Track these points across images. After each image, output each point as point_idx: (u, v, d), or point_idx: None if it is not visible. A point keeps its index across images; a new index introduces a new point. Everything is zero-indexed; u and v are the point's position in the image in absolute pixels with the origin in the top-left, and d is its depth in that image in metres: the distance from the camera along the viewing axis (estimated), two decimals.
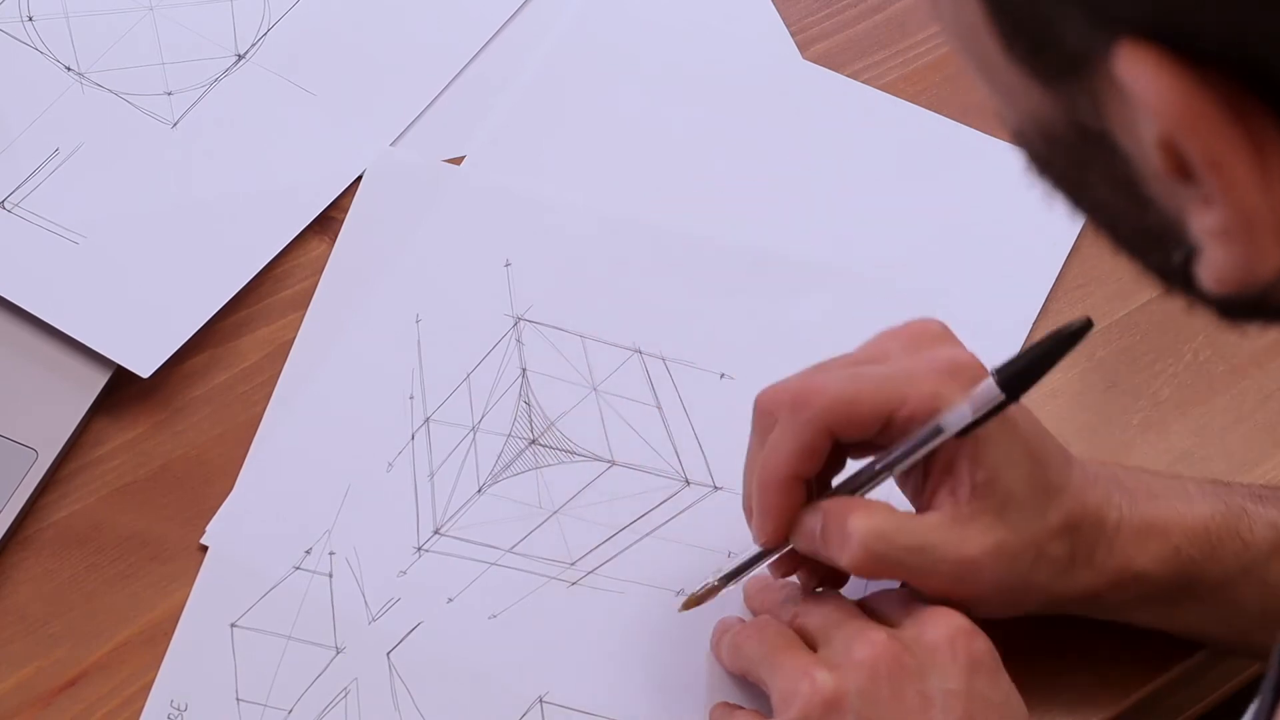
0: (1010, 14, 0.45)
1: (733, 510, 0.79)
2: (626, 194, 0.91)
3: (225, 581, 0.81)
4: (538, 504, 0.83)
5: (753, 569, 0.77)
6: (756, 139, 0.93)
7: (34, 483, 0.82)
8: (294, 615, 0.80)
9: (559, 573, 0.81)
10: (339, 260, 0.89)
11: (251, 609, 0.80)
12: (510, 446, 0.84)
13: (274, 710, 0.78)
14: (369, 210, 0.91)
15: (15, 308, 0.87)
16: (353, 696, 0.78)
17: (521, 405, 0.85)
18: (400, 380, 0.86)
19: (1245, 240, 0.42)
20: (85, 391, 0.85)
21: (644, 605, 0.80)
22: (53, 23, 0.96)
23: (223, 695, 0.78)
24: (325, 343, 0.87)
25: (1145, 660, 0.79)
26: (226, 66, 0.95)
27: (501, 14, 0.98)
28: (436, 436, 0.84)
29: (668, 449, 0.84)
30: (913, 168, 0.93)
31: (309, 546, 0.81)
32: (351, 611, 0.80)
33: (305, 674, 0.79)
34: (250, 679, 0.78)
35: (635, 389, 0.85)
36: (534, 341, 0.87)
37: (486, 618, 0.80)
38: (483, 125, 0.94)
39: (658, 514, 0.82)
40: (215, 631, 0.79)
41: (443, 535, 0.82)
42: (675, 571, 0.80)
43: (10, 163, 0.91)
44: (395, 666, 0.79)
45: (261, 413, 0.85)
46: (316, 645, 0.79)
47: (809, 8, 0.99)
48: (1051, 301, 0.89)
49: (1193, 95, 0.41)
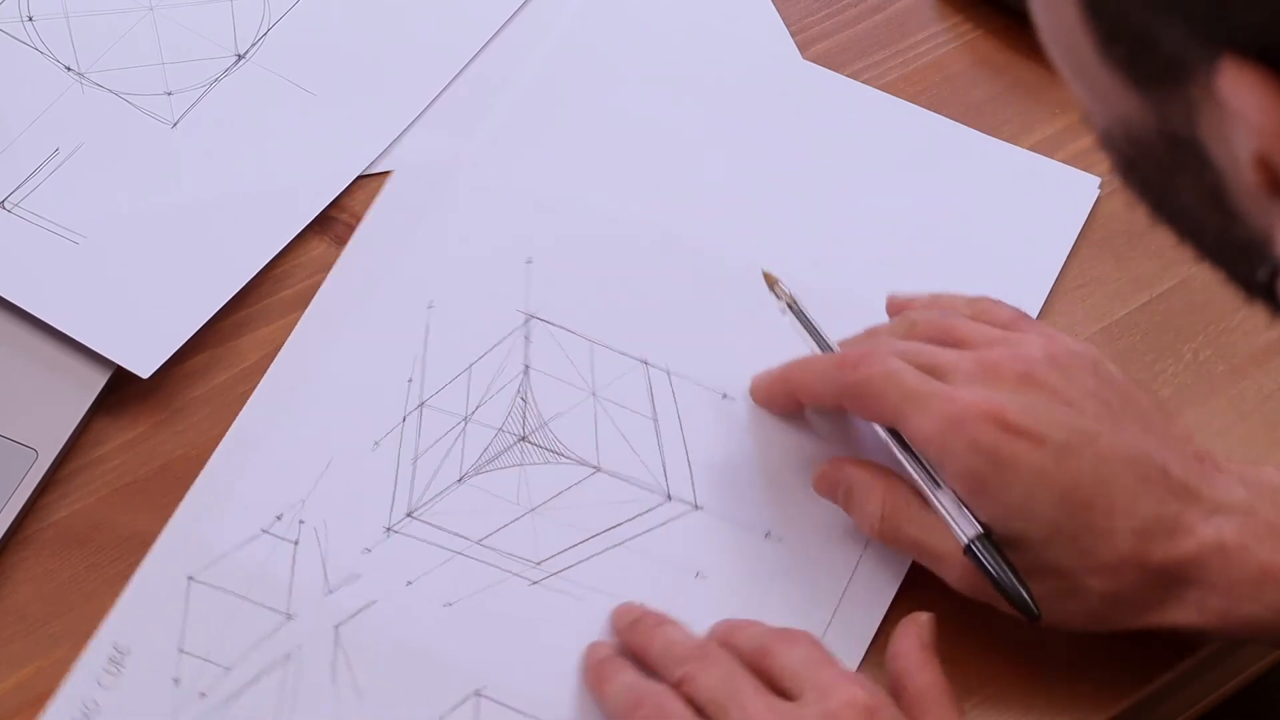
0: (1109, 17, 0.45)
1: (709, 531, 0.80)
2: (626, 194, 0.91)
3: (192, 534, 0.81)
4: (515, 500, 0.82)
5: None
6: (756, 139, 0.94)
7: (34, 483, 0.82)
8: (252, 577, 0.80)
9: (522, 570, 0.81)
10: (365, 235, 0.90)
11: (212, 565, 0.81)
12: (499, 440, 0.84)
13: (213, 666, 0.78)
14: (399, 194, 0.91)
15: (15, 308, 0.87)
16: (293, 663, 0.79)
17: (518, 401, 0.85)
18: (402, 363, 0.86)
19: None
20: (85, 391, 0.85)
21: (599, 614, 0.79)
22: (53, 23, 0.96)
23: (166, 645, 0.79)
24: (338, 314, 0.87)
25: (1135, 666, 0.79)
26: (226, 66, 0.95)
27: (501, 14, 0.98)
28: (428, 422, 0.84)
29: (655, 462, 0.83)
30: (913, 168, 0.93)
31: (280, 512, 0.82)
32: (309, 581, 0.80)
33: (251, 635, 0.79)
34: (196, 633, 0.79)
35: (634, 399, 0.85)
36: (542, 340, 0.87)
37: (441, 605, 0.80)
38: (483, 125, 0.94)
39: (633, 525, 0.82)
40: (172, 582, 0.80)
41: (414, 519, 0.82)
42: (638, 585, 0.80)
43: (10, 163, 0.91)
44: (341, 640, 0.79)
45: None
46: (268, 609, 0.80)
47: (809, 8, 0.99)
48: (1051, 301, 0.89)
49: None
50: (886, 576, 0.80)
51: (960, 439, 0.73)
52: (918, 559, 0.78)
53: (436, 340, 0.87)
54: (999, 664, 0.78)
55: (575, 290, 0.88)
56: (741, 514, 0.82)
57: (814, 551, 0.81)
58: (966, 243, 0.91)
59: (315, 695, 0.78)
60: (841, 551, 0.81)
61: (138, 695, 0.78)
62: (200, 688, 0.78)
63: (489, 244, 0.89)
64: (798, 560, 0.80)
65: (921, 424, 0.74)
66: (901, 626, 0.75)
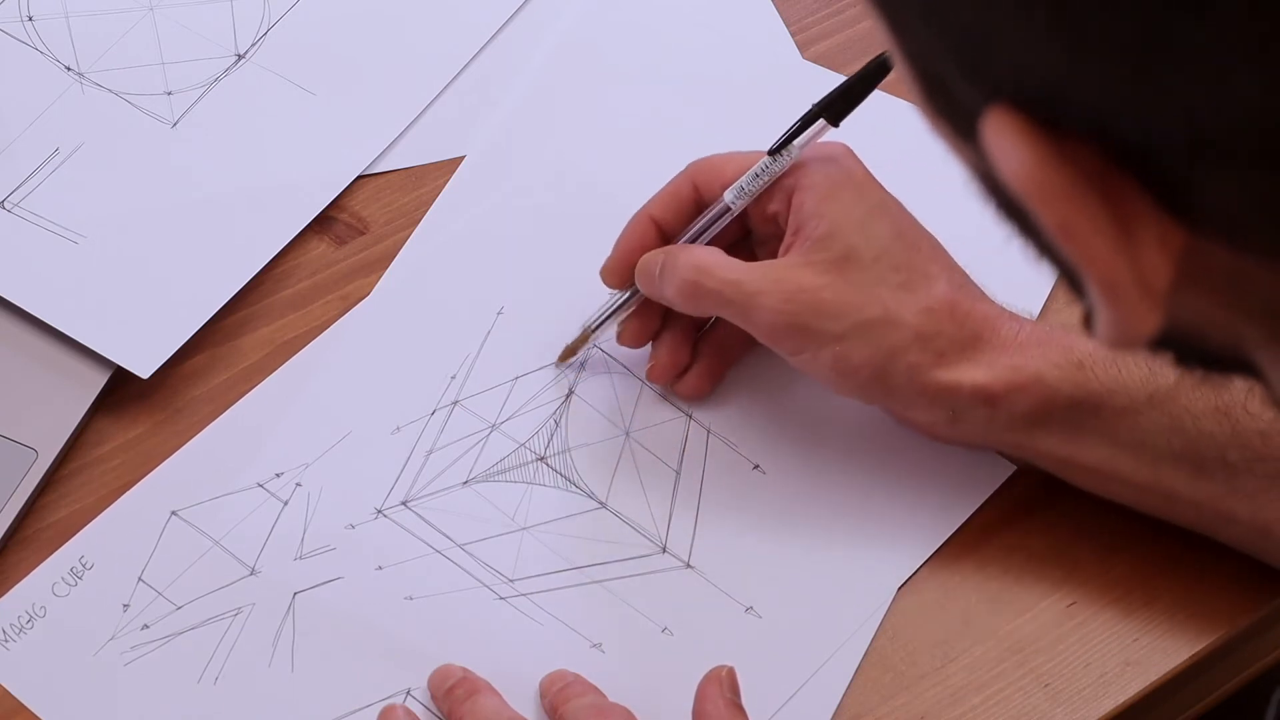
0: (918, 69, 0.45)
1: (692, 592, 0.80)
2: (626, 194, 0.91)
3: (192, 470, 0.83)
4: (511, 516, 0.82)
5: (617, 317, 0.84)
6: (757, 139, 0.93)
7: (34, 483, 0.82)
8: (231, 525, 0.81)
9: (493, 583, 0.80)
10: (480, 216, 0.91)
11: (198, 505, 0.82)
12: (517, 455, 0.84)
13: (165, 601, 0.80)
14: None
15: (15, 308, 0.87)
16: (242, 618, 0.79)
17: (550, 423, 0.85)
18: (452, 358, 0.86)
19: (1112, 302, 0.43)
20: (85, 391, 0.85)
21: (553, 644, 0.79)
22: (53, 23, 0.96)
23: (128, 570, 0.80)
24: (409, 291, 0.89)
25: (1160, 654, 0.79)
26: (226, 66, 0.95)
27: (501, 14, 0.98)
28: (455, 420, 0.85)
29: (663, 513, 0.83)
30: (913, 167, 0.93)
31: (281, 470, 0.83)
32: (284, 543, 0.81)
33: (211, 581, 0.80)
34: (160, 565, 0.80)
35: (665, 448, 0.84)
36: (596, 369, 0.86)
37: (403, 597, 0.80)
38: (483, 125, 0.94)
39: (618, 567, 0.81)
40: (155, 510, 0.82)
41: (407, 508, 0.82)
42: (603, 625, 0.79)
43: (10, 163, 0.91)
44: (295, 608, 0.80)
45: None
46: (235, 560, 0.81)
47: (809, 8, 0.99)
48: (1052, 301, 0.89)
49: (1046, 164, 0.41)
50: (836, 686, 0.78)
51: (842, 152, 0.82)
52: (728, 311, 0.80)
53: (493, 345, 0.87)
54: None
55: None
56: (731, 583, 0.81)
57: (788, 639, 0.79)
58: (967, 243, 0.91)
59: (251, 655, 0.78)
60: (813, 647, 0.79)
61: (84, 611, 0.79)
62: (146, 619, 0.79)
63: (572, 266, 0.88)
64: (768, 642, 0.79)
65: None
66: (705, 681, 0.76)
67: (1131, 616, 0.80)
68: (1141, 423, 0.78)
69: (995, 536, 0.82)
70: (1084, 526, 0.81)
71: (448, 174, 0.93)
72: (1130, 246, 0.42)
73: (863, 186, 0.81)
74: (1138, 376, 0.78)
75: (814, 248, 0.79)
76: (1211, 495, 0.77)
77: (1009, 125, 0.42)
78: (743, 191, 0.82)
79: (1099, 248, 0.42)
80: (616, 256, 0.84)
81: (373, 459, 0.83)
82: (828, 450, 0.84)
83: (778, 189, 0.82)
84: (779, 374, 0.86)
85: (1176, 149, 0.40)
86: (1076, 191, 0.42)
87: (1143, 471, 0.78)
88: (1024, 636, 0.79)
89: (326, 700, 0.77)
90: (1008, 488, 0.83)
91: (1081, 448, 0.79)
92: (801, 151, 0.82)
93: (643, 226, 0.84)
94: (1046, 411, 0.78)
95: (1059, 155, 0.41)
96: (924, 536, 0.82)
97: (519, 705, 0.77)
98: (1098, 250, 0.42)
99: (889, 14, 0.45)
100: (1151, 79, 0.39)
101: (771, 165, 0.82)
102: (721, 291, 0.80)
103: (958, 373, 0.78)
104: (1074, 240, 0.42)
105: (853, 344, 0.78)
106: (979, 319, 0.79)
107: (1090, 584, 0.80)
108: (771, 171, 0.82)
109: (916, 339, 0.78)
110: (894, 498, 0.82)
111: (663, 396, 0.86)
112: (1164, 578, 0.80)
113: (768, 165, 0.82)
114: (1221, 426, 0.77)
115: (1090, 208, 0.42)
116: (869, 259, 0.79)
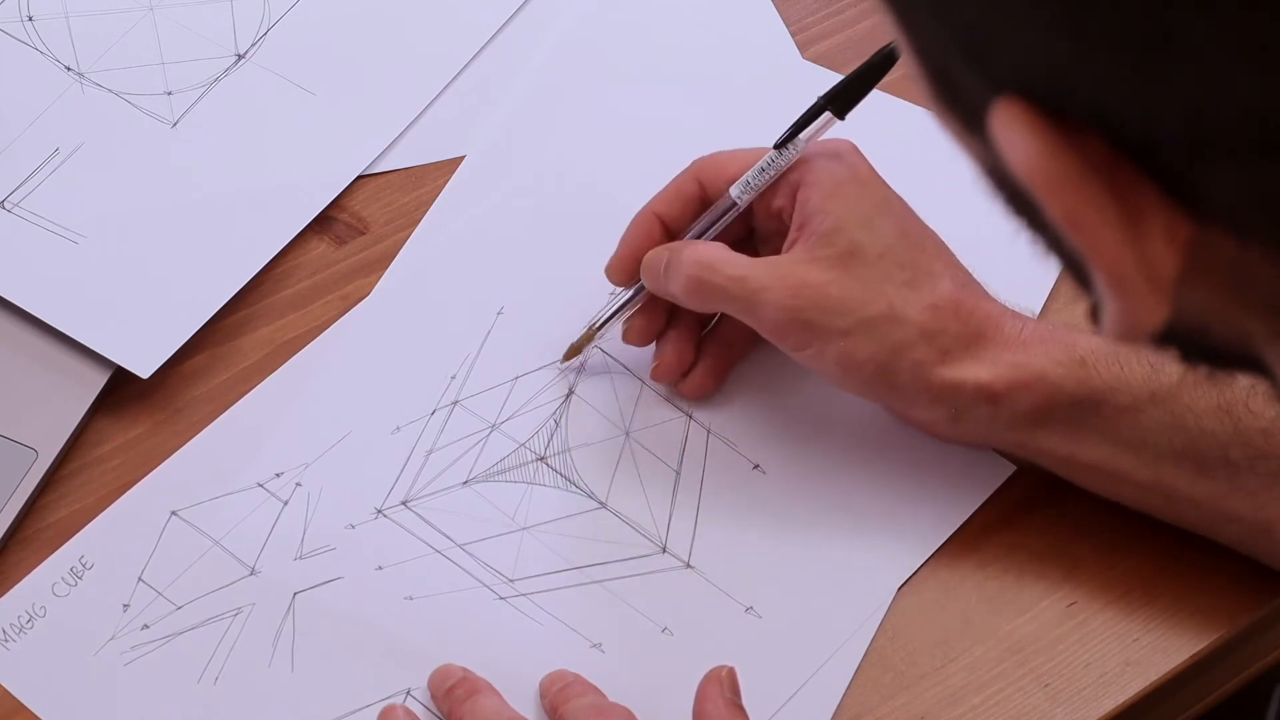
0: (927, 63, 0.46)
1: (692, 592, 0.80)
2: (627, 194, 0.91)
3: (192, 470, 0.83)
4: (511, 516, 0.82)
5: (622, 314, 0.84)
6: (757, 139, 0.93)
7: (34, 483, 0.82)
8: (231, 525, 0.81)
9: (493, 583, 0.80)
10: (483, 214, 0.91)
11: (198, 505, 0.82)
12: (517, 455, 0.84)
13: (165, 601, 0.80)
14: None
15: (15, 308, 0.87)
16: (242, 618, 0.79)
17: (550, 423, 0.85)
18: (452, 358, 0.86)
19: (1119, 294, 0.43)
20: (85, 391, 0.85)
21: (553, 644, 0.79)
22: (53, 23, 0.96)
23: (128, 569, 0.80)
24: (409, 292, 0.89)
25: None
26: (226, 66, 0.95)
27: (501, 14, 0.98)
28: (455, 420, 0.85)
29: (663, 513, 0.83)
30: (913, 167, 0.93)
31: (281, 470, 0.83)
32: (284, 543, 0.81)
33: (210, 581, 0.80)
34: (160, 565, 0.80)
35: (665, 448, 0.84)
36: (596, 369, 0.86)
37: (403, 597, 0.80)
38: (483, 125, 0.94)
39: (618, 567, 0.81)
40: (155, 510, 0.82)
41: (407, 508, 0.82)
42: (603, 625, 0.79)
43: (10, 163, 0.91)
44: (295, 608, 0.80)
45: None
46: (236, 560, 0.81)
47: (809, 8, 0.99)
48: (1053, 300, 0.88)
49: (1054, 155, 0.42)
50: (836, 686, 0.78)
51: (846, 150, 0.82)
52: (733, 307, 0.80)
53: (493, 346, 0.87)
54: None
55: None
56: (731, 584, 0.81)
57: (788, 639, 0.79)
58: (967, 243, 0.90)
59: (251, 655, 0.78)
60: (813, 647, 0.79)
61: (85, 611, 0.79)
62: (146, 619, 0.79)
63: (572, 266, 0.88)
64: (768, 642, 0.79)
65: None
66: (706, 681, 0.76)
67: (1131, 616, 0.80)
68: (1143, 421, 0.78)
69: (995, 536, 0.82)
70: (1084, 526, 0.82)
71: (448, 174, 0.93)
72: (1137, 238, 0.42)
73: (868, 183, 0.82)
74: (1140, 374, 0.78)
75: (819, 243, 0.79)
76: (1213, 494, 0.77)
77: (1017, 116, 0.42)
78: (748, 186, 0.82)
79: (1106, 239, 0.42)
80: (622, 253, 0.84)
81: (373, 459, 0.83)
82: (828, 450, 0.84)
83: (783, 185, 0.82)
84: (779, 374, 0.86)
85: (1178, 144, 0.40)
86: (1084, 182, 0.42)
87: (1144, 470, 0.78)
88: (1024, 636, 0.79)
89: (326, 700, 0.77)
90: (1008, 487, 0.83)
91: (1083, 446, 0.79)
92: (807, 146, 0.82)
93: (648, 223, 0.84)
94: (1048, 409, 0.78)
95: (1066, 146, 0.42)
96: (924, 536, 0.82)
97: (519, 705, 0.77)
98: (1105, 241, 0.42)
99: (898, 10, 0.45)
100: (1152, 76, 0.39)
101: (777, 159, 0.82)
102: (727, 287, 0.80)
103: (961, 370, 0.79)
104: (1081, 231, 0.42)
105: (858, 340, 0.78)
106: (982, 317, 0.80)
107: (1090, 584, 0.80)
108: (777, 165, 0.82)
109: (921, 336, 0.78)
110: (894, 497, 0.82)
111: (663, 396, 0.86)
112: (1164, 578, 0.80)
113: (774, 159, 0.82)
114: (1224, 425, 0.77)
115: (1098, 199, 0.42)
116: (874, 255, 0.79)
